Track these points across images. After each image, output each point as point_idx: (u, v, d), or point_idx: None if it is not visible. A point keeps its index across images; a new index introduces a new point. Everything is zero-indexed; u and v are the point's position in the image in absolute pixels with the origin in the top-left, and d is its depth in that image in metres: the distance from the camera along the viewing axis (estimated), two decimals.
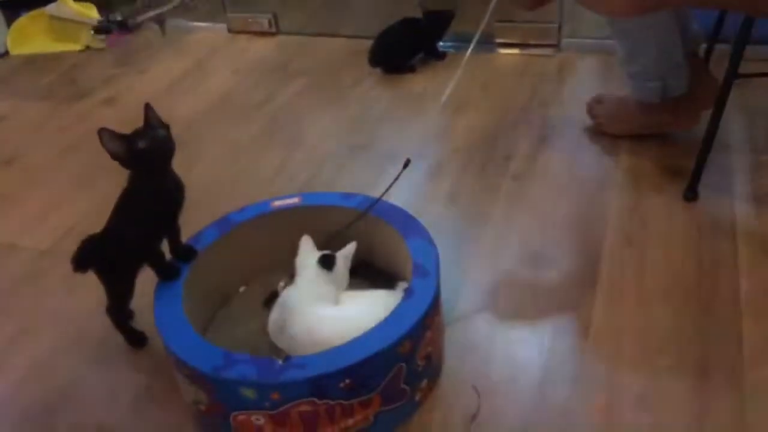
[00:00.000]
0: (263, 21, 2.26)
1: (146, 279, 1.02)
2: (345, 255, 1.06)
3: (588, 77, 1.85)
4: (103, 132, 0.94)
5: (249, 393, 0.83)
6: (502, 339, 1.07)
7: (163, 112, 1.93)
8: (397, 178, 1.05)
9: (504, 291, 1.16)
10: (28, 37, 2.36)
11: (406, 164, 1.03)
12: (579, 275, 1.18)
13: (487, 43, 1.99)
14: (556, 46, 1.96)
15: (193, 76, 2.05)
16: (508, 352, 1.05)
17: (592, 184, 1.40)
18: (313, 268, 1.02)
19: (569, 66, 1.89)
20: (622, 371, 0.99)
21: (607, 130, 1.53)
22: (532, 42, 1.98)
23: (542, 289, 1.16)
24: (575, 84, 1.81)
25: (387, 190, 1.07)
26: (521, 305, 1.13)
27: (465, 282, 1.17)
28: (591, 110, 1.57)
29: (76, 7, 2.29)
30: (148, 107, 0.97)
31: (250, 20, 2.28)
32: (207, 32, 2.34)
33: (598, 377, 0.99)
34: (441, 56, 1.96)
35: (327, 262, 1.03)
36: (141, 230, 0.98)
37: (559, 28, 1.95)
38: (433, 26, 1.92)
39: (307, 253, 1.06)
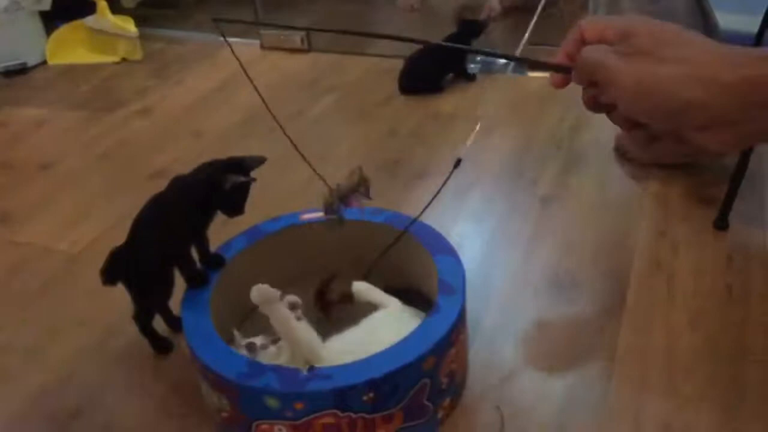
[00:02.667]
0: (296, 38, 2.29)
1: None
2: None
3: None
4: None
5: (273, 402, 0.83)
6: (526, 360, 1.06)
7: (195, 125, 1.98)
8: (447, 179, 1.03)
9: (530, 313, 1.15)
10: (67, 47, 2.42)
11: (457, 164, 1.01)
12: (606, 300, 1.17)
13: (518, 67, 2.00)
14: None
15: (225, 90, 2.08)
16: (533, 374, 1.04)
17: (620, 209, 1.40)
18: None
19: None
20: (648, 398, 0.98)
21: (636, 158, 1.53)
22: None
23: (568, 313, 1.16)
24: None
25: (437, 194, 1.04)
26: (547, 328, 1.13)
27: (490, 302, 1.17)
28: (618, 140, 1.57)
29: (114, 19, 2.35)
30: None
31: (282, 37, 2.32)
32: (240, 48, 2.37)
33: (623, 403, 0.98)
34: (471, 77, 1.97)
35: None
36: (179, 236, 0.99)
37: None
38: (466, 34, 1.92)
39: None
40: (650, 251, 1.27)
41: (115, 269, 1.00)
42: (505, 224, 1.39)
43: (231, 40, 2.67)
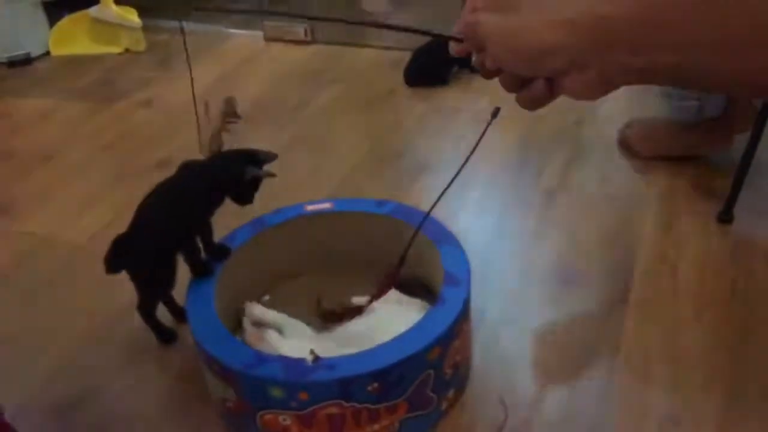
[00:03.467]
0: (299, 30, 2.29)
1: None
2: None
3: (623, 96, 1.84)
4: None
5: (277, 392, 0.83)
6: (530, 353, 1.06)
7: (200, 115, 1.96)
8: (485, 131, 0.98)
9: (533, 305, 1.15)
10: (70, 38, 2.41)
11: (495, 113, 0.95)
12: (610, 292, 1.17)
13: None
14: None
15: (228, 82, 2.08)
16: (536, 366, 1.04)
17: (625, 202, 1.39)
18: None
19: None
20: (651, 390, 0.98)
21: (641, 152, 1.52)
22: None
23: (572, 305, 1.15)
24: (611, 102, 1.79)
25: (467, 158, 0.99)
26: (551, 320, 1.13)
27: (494, 294, 1.17)
28: (622, 134, 1.56)
29: (118, 10, 2.34)
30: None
31: (286, 28, 2.31)
32: (243, 39, 2.38)
33: (627, 395, 0.98)
34: (476, 70, 1.96)
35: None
36: (183, 224, 0.99)
37: None
38: None
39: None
40: (655, 244, 1.26)
41: (118, 257, 1.00)
42: (509, 217, 1.38)
43: (235, 31, 2.68)
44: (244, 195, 1.00)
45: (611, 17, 0.44)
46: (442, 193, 1.00)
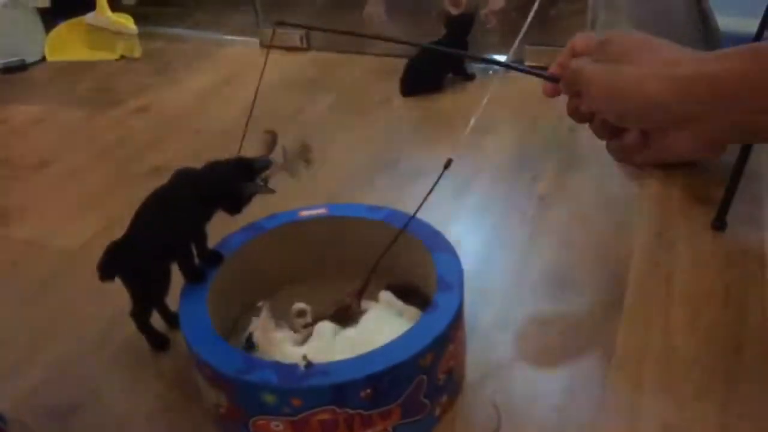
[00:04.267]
0: (295, 37, 2.29)
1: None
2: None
3: None
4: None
5: (270, 398, 0.83)
6: (524, 359, 1.06)
7: (194, 122, 1.97)
8: (438, 180, 1.03)
9: (528, 312, 1.15)
10: (66, 44, 2.41)
11: (447, 165, 1.00)
12: (603, 299, 1.17)
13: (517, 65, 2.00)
14: None
15: (224, 88, 2.08)
16: (530, 372, 1.04)
17: (618, 209, 1.40)
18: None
19: None
20: (645, 397, 0.98)
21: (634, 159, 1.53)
22: None
23: (566, 312, 1.16)
24: None
25: (428, 194, 1.04)
26: (545, 326, 1.13)
27: (488, 301, 1.17)
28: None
29: (114, 17, 2.35)
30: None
31: (282, 36, 2.32)
32: (239, 46, 2.38)
33: (622, 403, 0.98)
34: (470, 77, 1.97)
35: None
36: (178, 231, 0.99)
37: None
38: (457, 32, 1.90)
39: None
40: (648, 251, 1.27)
41: (112, 264, 1.00)
42: (503, 223, 1.39)
43: (230, 38, 2.69)
44: (236, 206, 1.00)
45: (723, 77, 0.43)
46: (414, 213, 1.02)
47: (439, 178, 1.04)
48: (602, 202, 1.42)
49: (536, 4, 1.16)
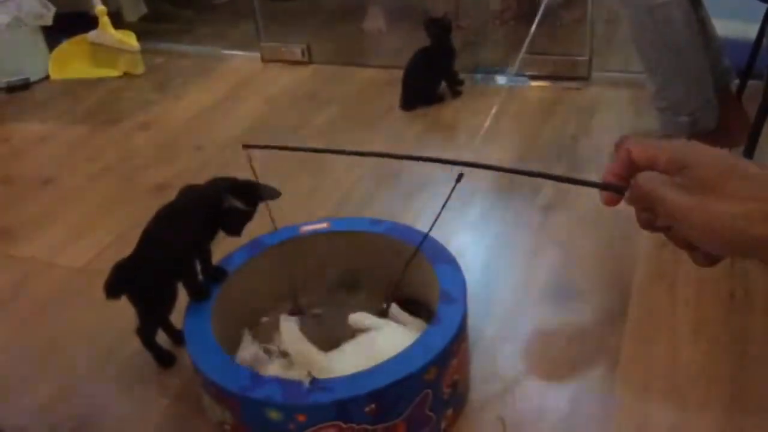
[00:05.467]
0: (296, 50, 2.31)
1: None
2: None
3: (618, 110, 1.85)
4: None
5: (275, 414, 0.83)
6: (530, 370, 1.06)
7: (196, 138, 1.98)
8: (451, 194, 1.03)
9: (532, 322, 1.15)
10: (69, 62, 2.43)
11: (459, 179, 1.00)
12: (608, 308, 1.17)
13: (518, 75, 2.00)
14: (587, 79, 1.97)
15: (227, 103, 2.09)
16: (536, 383, 1.04)
17: (622, 218, 1.39)
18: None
19: (599, 99, 1.89)
20: (650, 406, 0.98)
21: None
22: (562, 75, 1.99)
23: (570, 321, 1.15)
24: (605, 117, 1.81)
25: (440, 211, 1.04)
26: (549, 337, 1.13)
27: (492, 312, 1.17)
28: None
29: (116, 34, 2.36)
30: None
31: (283, 49, 2.33)
32: (241, 60, 2.39)
33: (628, 412, 0.97)
34: (460, 82, 1.96)
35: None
36: (185, 249, 1.00)
37: (590, 61, 1.96)
38: (439, 35, 1.90)
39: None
40: (652, 260, 1.27)
41: (119, 282, 1.01)
42: (506, 234, 1.39)
43: (232, 52, 2.69)
44: (227, 225, 1.00)
45: None
46: (429, 229, 1.02)
47: (452, 192, 1.03)
48: (604, 212, 1.40)
49: (538, 16, 1.17)
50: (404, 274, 1.04)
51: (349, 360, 0.94)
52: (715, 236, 0.46)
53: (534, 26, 1.27)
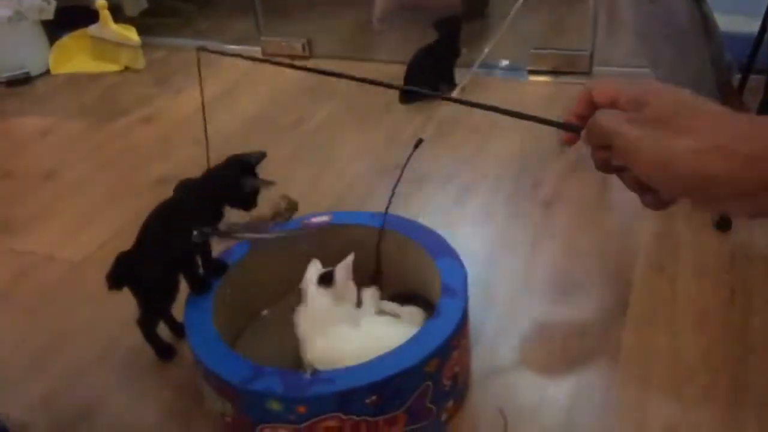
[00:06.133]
0: (297, 45, 2.30)
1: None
2: (345, 266, 1.01)
3: None
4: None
5: (275, 405, 0.83)
6: (530, 363, 1.06)
7: (197, 132, 1.97)
8: (408, 160, 1.04)
9: (532, 316, 1.15)
10: (70, 56, 2.43)
11: (418, 144, 1.01)
12: (608, 302, 1.17)
13: (518, 70, 2.00)
14: (589, 74, 1.97)
15: (227, 97, 2.09)
16: (536, 376, 1.04)
17: (622, 211, 1.40)
18: (315, 290, 1.01)
19: None
20: (651, 399, 0.98)
21: None
22: (563, 70, 1.99)
23: (571, 316, 1.16)
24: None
25: (398, 180, 1.06)
26: (550, 331, 1.13)
27: (493, 306, 1.17)
28: None
29: (117, 28, 2.36)
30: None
31: (283, 44, 2.33)
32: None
33: (627, 405, 0.98)
34: (453, 84, 1.95)
35: (325, 279, 1.01)
36: (185, 242, 1.00)
37: (591, 56, 1.96)
38: (446, 33, 1.90)
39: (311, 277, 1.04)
40: (652, 253, 1.27)
41: (121, 274, 1.01)
42: (506, 228, 1.39)
43: (232, 47, 2.69)
44: (246, 203, 1.01)
45: None
46: (387, 206, 1.02)
47: (408, 159, 1.03)
48: (605, 206, 1.42)
49: (515, 8, 1.16)
50: (380, 254, 1.09)
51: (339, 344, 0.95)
52: (668, 172, 0.45)
53: (509, 17, 1.26)
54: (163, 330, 1.11)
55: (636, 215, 1.37)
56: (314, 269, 1.04)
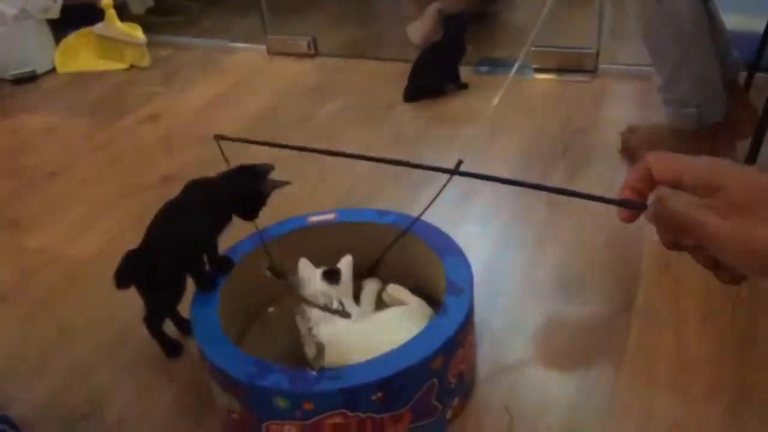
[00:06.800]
0: (302, 43, 2.31)
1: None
2: (346, 265, 1.06)
3: (625, 103, 1.85)
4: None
5: (282, 402, 0.84)
6: (536, 361, 1.06)
7: (203, 129, 1.98)
8: (448, 181, 1.04)
9: (538, 314, 1.16)
10: (76, 54, 2.44)
11: (458, 165, 1.01)
12: (614, 301, 1.17)
13: (524, 68, 2.00)
14: (593, 72, 1.96)
15: (233, 95, 2.09)
16: (542, 374, 1.04)
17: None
18: (319, 286, 1.02)
19: (606, 92, 1.89)
20: (656, 398, 0.98)
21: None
22: (569, 67, 1.99)
23: (576, 314, 1.16)
24: (612, 110, 1.80)
25: (438, 193, 1.06)
26: (555, 329, 1.13)
27: (498, 304, 1.17)
28: (625, 140, 1.56)
29: (123, 27, 2.37)
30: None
31: (289, 42, 2.33)
32: (247, 53, 2.40)
33: (633, 403, 0.98)
34: (463, 86, 1.96)
35: (332, 277, 1.03)
36: (191, 242, 1.00)
37: (597, 54, 1.96)
38: (453, 32, 1.90)
39: (308, 272, 1.06)
40: (658, 252, 1.26)
41: (128, 272, 1.01)
42: (512, 226, 1.39)
43: (237, 45, 2.69)
44: (251, 209, 1.01)
45: None
46: (421, 213, 1.02)
47: (449, 180, 1.05)
48: (611, 206, 1.41)
49: (545, 10, 1.16)
50: (385, 253, 1.10)
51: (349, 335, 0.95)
52: (754, 260, 0.45)
53: (541, 19, 1.27)
54: (169, 327, 1.12)
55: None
56: (307, 265, 1.06)
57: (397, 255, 1.12)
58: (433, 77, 1.95)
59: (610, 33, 1.98)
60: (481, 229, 1.39)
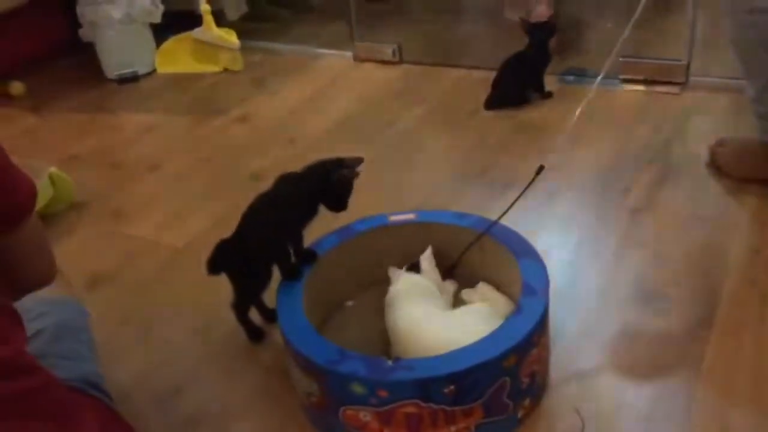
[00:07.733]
0: (387, 50, 2.36)
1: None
2: (426, 258, 1.14)
3: (715, 117, 1.79)
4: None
5: (358, 388, 0.87)
6: (609, 369, 1.06)
7: (290, 131, 2.06)
8: (530, 184, 1.07)
9: (614, 321, 1.15)
10: (174, 57, 2.57)
11: (540, 170, 1.04)
12: (695, 314, 1.15)
13: (611, 78, 1.97)
14: (684, 84, 1.92)
15: (319, 99, 2.16)
16: (616, 381, 1.04)
17: (714, 224, 1.36)
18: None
19: (696, 104, 1.84)
20: (734, 411, 0.96)
21: (732, 173, 1.48)
22: (658, 79, 1.95)
23: (654, 324, 1.14)
24: (701, 123, 1.76)
25: (519, 196, 1.09)
26: (631, 337, 1.12)
27: (575, 309, 1.17)
28: (714, 154, 1.53)
29: (219, 32, 2.48)
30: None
31: (375, 49, 2.38)
32: (334, 59, 2.47)
33: (708, 416, 0.96)
34: (547, 95, 1.95)
35: (413, 268, 1.13)
36: (281, 231, 1.06)
37: (688, 66, 1.92)
38: (539, 40, 1.90)
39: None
40: (744, 268, 1.23)
41: (220, 260, 1.08)
42: (592, 233, 1.38)
43: (325, 51, 2.76)
44: (335, 199, 1.06)
45: None
46: (500, 216, 1.05)
47: (530, 183, 1.07)
48: (696, 217, 1.39)
49: (633, 19, 1.16)
50: (465, 253, 1.15)
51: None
52: None
53: (627, 29, 1.26)
54: (254, 315, 1.18)
55: (729, 227, 1.34)
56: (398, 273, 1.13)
57: (474, 257, 1.15)
58: (517, 86, 1.95)
59: (702, 43, 1.93)
60: (560, 235, 1.39)
